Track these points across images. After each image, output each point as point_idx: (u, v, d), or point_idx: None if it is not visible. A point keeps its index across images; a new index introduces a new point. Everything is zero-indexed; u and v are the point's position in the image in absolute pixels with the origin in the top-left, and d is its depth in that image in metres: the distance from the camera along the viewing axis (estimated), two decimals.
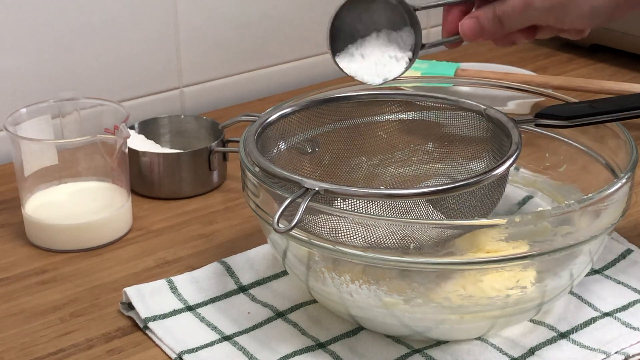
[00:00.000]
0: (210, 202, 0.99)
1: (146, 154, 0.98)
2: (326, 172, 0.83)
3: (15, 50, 1.07)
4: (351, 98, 0.83)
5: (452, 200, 0.74)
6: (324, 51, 1.08)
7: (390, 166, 0.85)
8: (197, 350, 0.75)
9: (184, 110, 1.21)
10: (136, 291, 0.80)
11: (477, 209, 0.75)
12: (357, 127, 0.84)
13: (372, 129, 0.85)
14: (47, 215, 0.90)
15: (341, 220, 0.69)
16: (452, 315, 0.72)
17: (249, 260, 0.85)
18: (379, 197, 0.73)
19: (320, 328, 0.77)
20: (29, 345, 0.77)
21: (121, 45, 1.14)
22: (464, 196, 0.74)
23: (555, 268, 0.73)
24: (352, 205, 0.76)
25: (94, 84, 1.12)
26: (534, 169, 0.89)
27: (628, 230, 0.88)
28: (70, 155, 0.92)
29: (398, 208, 0.79)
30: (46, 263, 0.88)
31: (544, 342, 0.75)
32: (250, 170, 0.74)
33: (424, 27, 0.81)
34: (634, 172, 0.74)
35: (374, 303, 0.72)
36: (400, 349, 0.75)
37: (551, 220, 0.70)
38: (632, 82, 1.14)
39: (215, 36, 1.21)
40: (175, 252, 0.90)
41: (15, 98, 1.05)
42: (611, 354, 0.74)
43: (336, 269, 0.73)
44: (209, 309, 0.80)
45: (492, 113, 0.79)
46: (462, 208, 0.74)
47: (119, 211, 0.91)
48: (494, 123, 0.79)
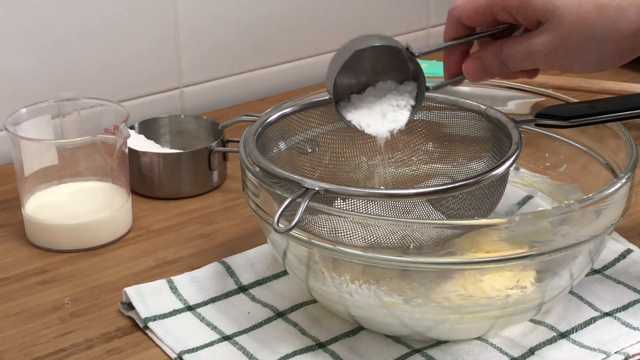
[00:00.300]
0: (210, 202, 0.99)
1: (146, 154, 0.98)
2: (326, 172, 0.83)
3: (15, 50, 1.07)
4: None
5: (452, 200, 0.74)
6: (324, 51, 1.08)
7: (390, 166, 0.85)
8: (197, 350, 0.75)
9: (184, 110, 1.21)
10: (136, 291, 0.80)
11: (477, 209, 0.75)
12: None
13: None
14: (47, 215, 0.90)
15: (341, 220, 0.69)
16: (452, 315, 0.72)
17: (249, 260, 0.85)
18: (379, 197, 0.73)
19: (320, 328, 0.77)
20: (29, 345, 0.77)
21: (121, 45, 1.14)
22: (464, 196, 0.74)
23: (555, 268, 0.73)
24: (352, 205, 0.76)
25: (94, 84, 1.12)
26: (534, 169, 0.89)
27: (628, 230, 0.88)
28: (70, 155, 0.92)
29: (398, 208, 0.79)
30: (46, 263, 0.88)
31: (544, 342, 0.75)
32: (250, 170, 0.74)
33: (423, 28, 0.81)
34: (634, 172, 0.74)
35: (374, 303, 0.72)
36: (400, 349, 0.75)
37: (551, 220, 0.70)
38: (632, 82, 1.14)
39: (215, 36, 1.21)
40: (175, 252, 0.90)
41: (15, 98, 1.05)
42: (611, 354, 0.74)
43: (336, 269, 0.73)
44: (209, 309, 0.80)
45: (492, 113, 0.79)
46: (462, 208, 0.74)
47: (119, 211, 0.91)
48: (494, 123, 0.79)
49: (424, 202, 0.77)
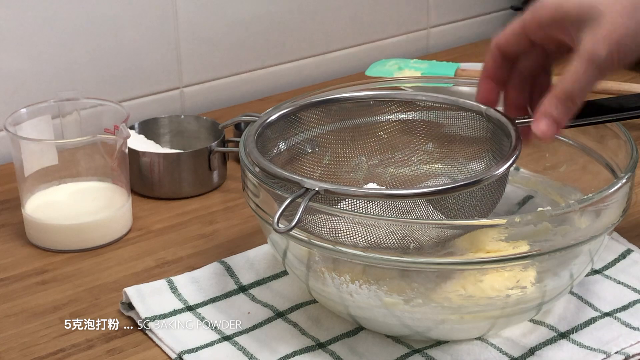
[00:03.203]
0: (210, 202, 0.99)
1: (146, 154, 0.98)
2: (326, 172, 0.83)
3: (15, 50, 1.07)
4: (351, 99, 0.83)
5: (452, 201, 0.74)
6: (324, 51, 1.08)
7: (390, 166, 0.85)
8: (197, 350, 0.75)
9: (184, 110, 1.21)
10: (136, 291, 0.80)
11: (477, 209, 0.75)
12: (357, 127, 0.84)
13: (372, 129, 0.85)
14: (47, 215, 0.90)
15: (341, 220, 0.69)
16: (452, 315, 0.72)
17: (249, 260, 0.85)
18: (379, 197, 0.73)
19: (320, 328, 0.77)
20: (29, 345, 0.77)
21: (121, 45, 1.14)
22: (464, 196, 0.74)
23: (555, 268, 0.73)
24: (352, 206, 0.76)
25: (94, 84, 1.12)
26: (534, 169, 0.89)
27: (628, 230, 0.88)
28: (70, 155, 0.92)
29: (398, 208, 0.79)
30: (46, 263, 0.88)
31: (544, 342, 0.75)
32: (250, 170, 0.74)
33: (423, 28, 0.81)
34: (634, 172, 0.73)
35: (374, 303, 0.72)
36: (400, 349, 0.75)
37: (551, 220, 0.70)
38: (632, 82, 1.14)
39: (215, 36, 1.21)
40: (175, 252, 0.90)
41: (15, 98, 1.05)
42: (611, 354, 0.74)
43: (336, 269, 0.73)
44: (209, 309, 0.80)
45: (492, 113, 0.79)
46: (462, 208, 0.74)
47: (119, 211, 0.91)
48: (494, 123, 0.79)
49: (424, 202, 0.77)
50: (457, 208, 0.74)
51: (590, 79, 0.70)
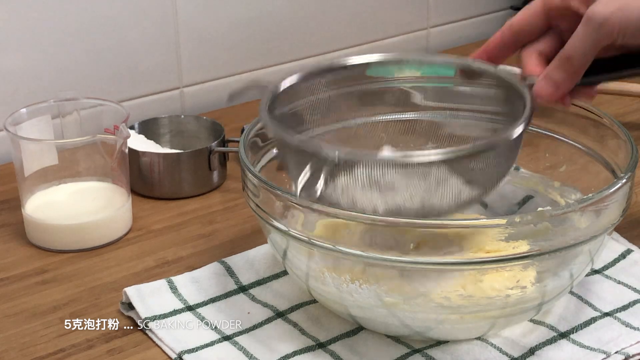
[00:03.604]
0: (210, 202, 0.99)
1: (146, 154, 0.98)
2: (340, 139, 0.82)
3: (15, 50, 1.07)
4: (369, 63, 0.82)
5: (468, 165, 0.72)
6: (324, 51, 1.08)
7: (408, 134, 0.84)
8: (197, 350, 0.75)
9: (184, 110, 1.21)
10: (136, 291, 0.80)
11: (493, 175, 0.73)
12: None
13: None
14: (47, 215, 0.90)
15: (358, 187, 0.68)
16: (452, 315, 0.72)
17: (249, 260, 0.85)
18: (401, 162, 0.70)
19: (320, 328, 0.77)
20: (29, 345, 0.77)
21: (121, 45, 1.14)
22: (481, 159, 0.72)
23: (555, 268, 0.73)
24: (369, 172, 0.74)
25: (94, 84, 1.12)
26: (534, 169, 0.89)
27: (628, 230, 0.88)
28: (70, 155, 0.92)
29: (415, 174, 0.77)
30: (46, 263, 0.88)
31: (544, 342, 0.75)
32: (250, 170, 0.74)
33: (423, 28, 0.81)
34: (634, 172, 0.73)
35: (374, 303, 0.72)
36: (400, 349, 0.75)
37: (551, 220, 0.70)
38: (631, 82, 1.14)
39: (215, 36, 1.21)
40: (175, 252, 0.90)
41: (15, 98, 1.05)
42: (611, 354, 0.74)
43: (336, 269, 0.73)
44: (209, 309, 0.80)
45: (504, 74, 0.77)
46: (477, 173, 0.72)
47: (119, 211, 0.92)
48: (505, 87, 0.77)
49: (440, 167, 0.75)
50: (472, 173, 0.72)
51: (589, 42, 0.70)
